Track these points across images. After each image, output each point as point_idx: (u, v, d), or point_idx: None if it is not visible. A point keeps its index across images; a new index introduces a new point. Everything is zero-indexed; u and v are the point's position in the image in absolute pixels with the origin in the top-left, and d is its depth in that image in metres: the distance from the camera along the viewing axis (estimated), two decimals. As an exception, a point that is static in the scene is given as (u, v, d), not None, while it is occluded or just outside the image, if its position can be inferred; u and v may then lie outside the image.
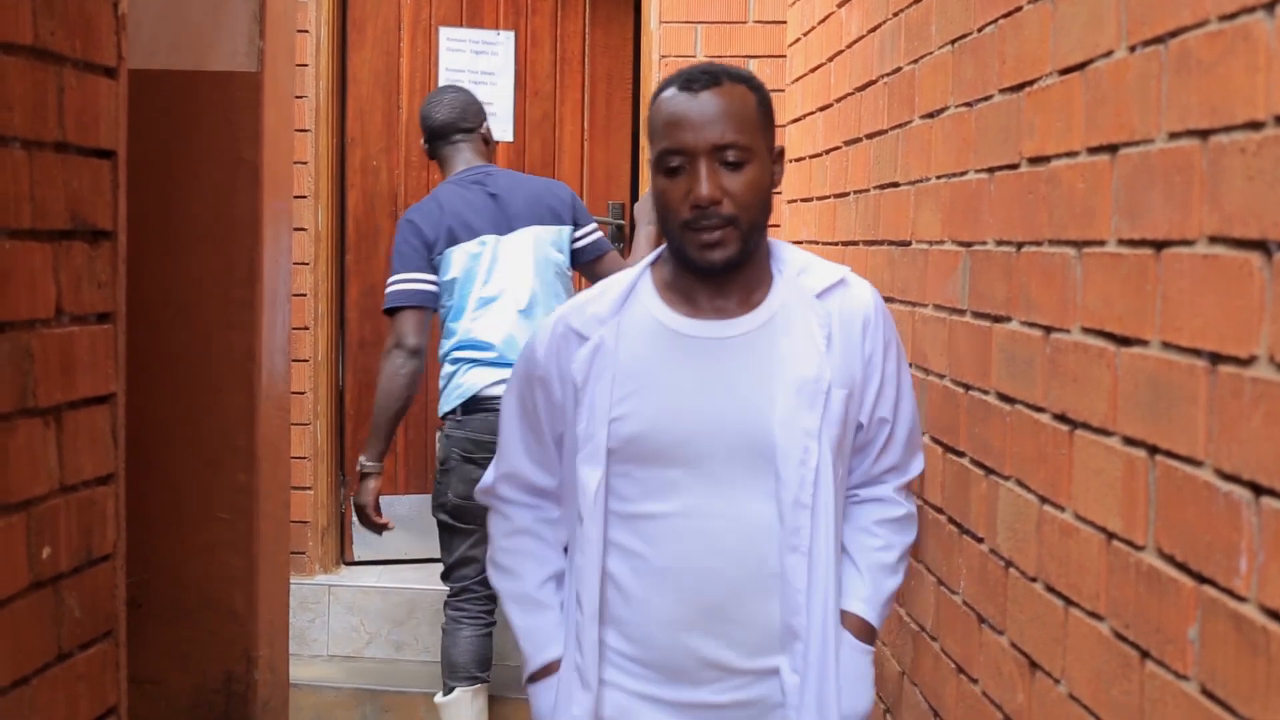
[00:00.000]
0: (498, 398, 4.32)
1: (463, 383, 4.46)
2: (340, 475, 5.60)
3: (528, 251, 4.49)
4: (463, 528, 4.55)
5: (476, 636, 4.60)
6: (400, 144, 5.66)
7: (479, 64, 5.75)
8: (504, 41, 5.77)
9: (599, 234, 4.66)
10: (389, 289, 4.51)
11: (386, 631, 5.38)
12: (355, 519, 5.53)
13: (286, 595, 3.28)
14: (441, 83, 5.66)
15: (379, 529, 4.66)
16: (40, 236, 2.08)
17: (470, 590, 4.62)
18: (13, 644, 2.02)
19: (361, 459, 4.59)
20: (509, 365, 4.36)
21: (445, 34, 5.71)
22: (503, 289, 4.46)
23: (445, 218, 4.49)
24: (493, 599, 4.58)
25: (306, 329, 5.28)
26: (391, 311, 4.50)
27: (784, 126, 4.86)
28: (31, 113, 2.05)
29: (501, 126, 5.73)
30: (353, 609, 5.43)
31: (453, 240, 4.45)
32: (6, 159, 1.99)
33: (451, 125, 4.65)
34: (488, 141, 4.75)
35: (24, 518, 2.05)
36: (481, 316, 4.46)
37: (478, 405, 4.44)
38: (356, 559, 5.67)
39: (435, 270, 4.46)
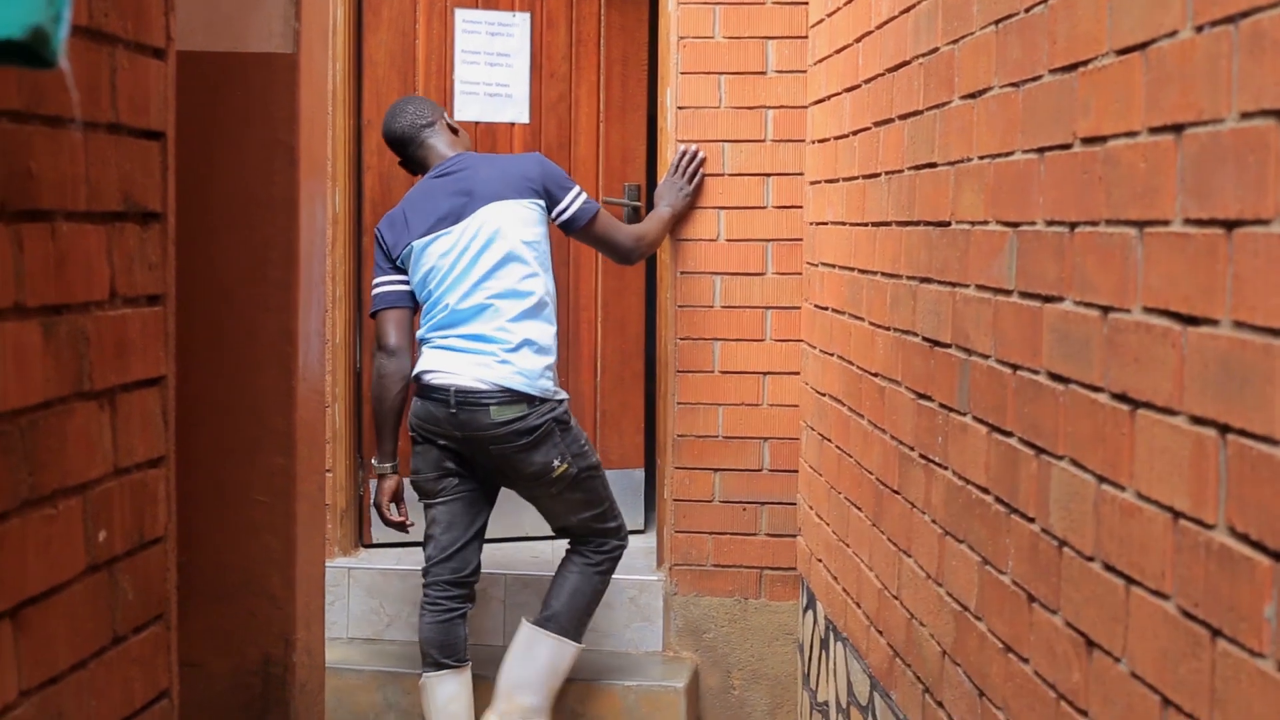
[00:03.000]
0: (434, 387, 4.49)
1: (417, 365, 4.63)
2: (358, 458, 5.59)
3: (487, 234, 4.52)
4: (423, 505, 4.72)
5: (434, 624, 4.63)
6: (416, 126, 5.63)
7: (494, 45, 5.73)
8: (519, 23, 5.76)
9: (583, 197, 4.69)
10: (371, 294, 4.78)
11: (406, 614, 5.38)
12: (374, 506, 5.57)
13: (322, 578, 3.28)
14: (457, 64, 5.66)
15: (397, 527, 4.75)
16: (95, 218, 2.08)
17: (429, 573, 4.67)
18: (71, 627, 2.02)
19: (372, 460, 4.73)
20: (452, 350, 4.52)
21: (461, 16, 5.69)
22: (458, 278, 4.52)
23: (405, 219, 4.68)
24: (451, 584, 4.63)
25: (325, 312, 5.26)
26: (374, 315, 4.74)
27: (806, 108, 4.86)
28: (86, 93, 2.05)
29: (517, 108, 5.72)
30: (372, 592, 5.43)
31: (410, 241, 4.59)
32: (64, 140, 1.98)
33: (412, 127, 4.80)
34: (455, 130, 4.81)
35: (81, 501, 2.05)
36: (436, 305, 4.56)
37: (418, 389, 4.60)
38: (375, 541, 5.67)
39: (404, 271, 4.65)
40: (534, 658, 4.68)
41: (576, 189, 4.67)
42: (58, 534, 1.98)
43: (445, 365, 4.50)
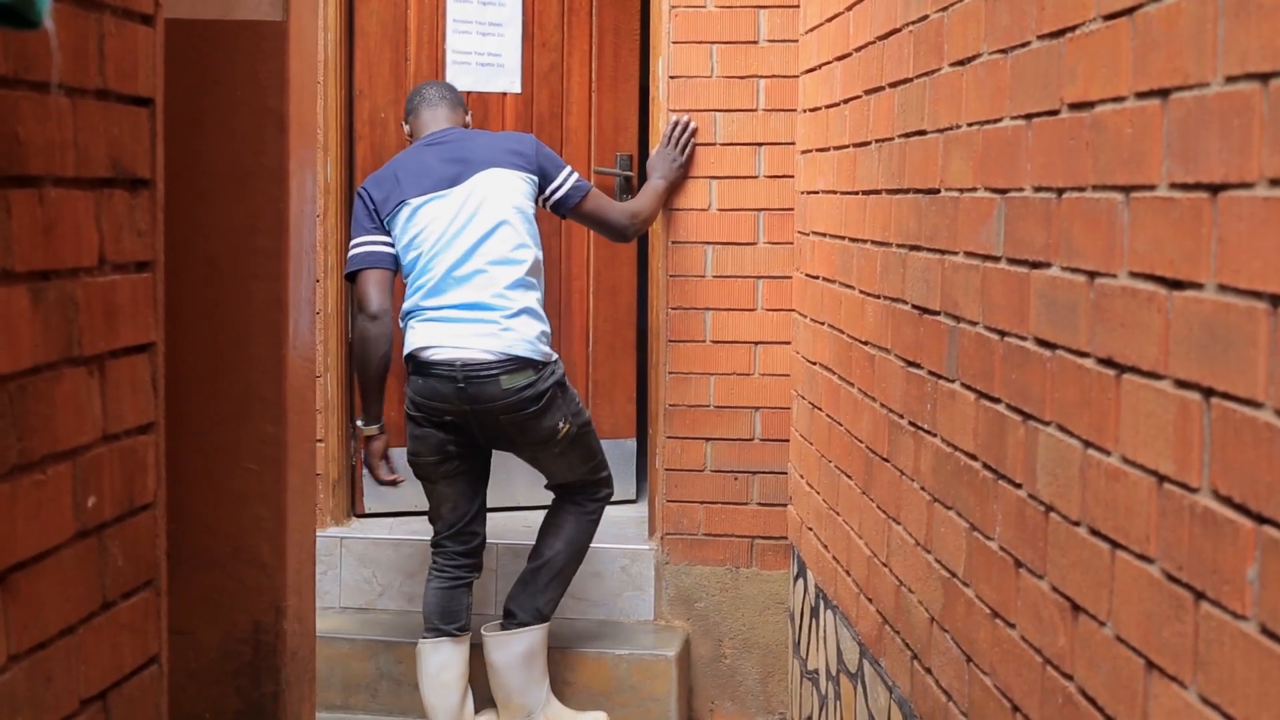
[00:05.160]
0: (435, 363, 4.43)
1: (406, 341, 4.57)
2: (350, 428, 5.60)
3: (481, 200, 4.53)
4: (423, 484, 4.67)
5: (439, 590, 4.67)
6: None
7: (486, 15, 5.72)
8: (511, -8, 5.74)
9: (575, 176, 4.73)
10: (348, 255, 4.70)
11: (399, 583, 5.40)
12: (365, 473, 5.58)
13: (313, 546, 3.28)
14: (449, 34, 5.66)
15: (389, 484, 4.77)
16: (83, 185, 2.08)
17: (439, 545, 4.70)
18: (60, 593, 2.03)
19: (358, 422, 4.72)
20: (450, 322, 4.45)
21: (452, -15, 5.67)
22: (449, 242, 4.51)
23: (395, 179, 4.65)
24: (461, 555, 4.65)
25: (317, 281, 5.26)
26: (351, 277, 4.67)
27: (798, 77, 4.85)
28: (74, 59, 2.05)
29: (509, 78, 5.71)
30: (364, 561, 5.44)
31: (401, 200, 4.55)
32: (51, 106, 1.98)
33: (433, 89, 4.82)
34: (466, 127, 4.82)
35: (70, 466, 2.05)
36: (425, 273, 4.53)
37: (415, 365, 4.51)
38: (367, 511, 5.68)
39: (389, 232, 4.56)
40: (510, 661, 4.70)
41: (569, 169, 4.71)
42: (47, 499, 1.98)
43: (446, 339, 4.48)
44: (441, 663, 4.66)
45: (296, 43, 3.07)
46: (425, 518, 5.43)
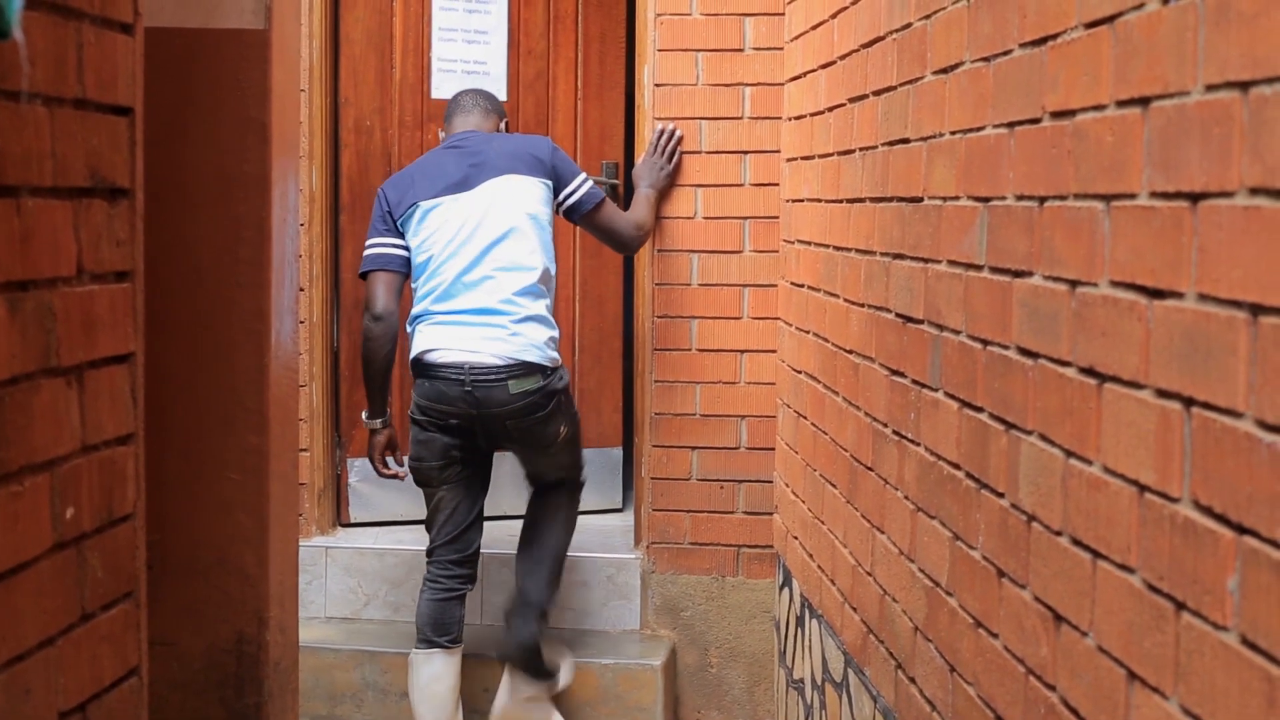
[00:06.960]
0: (442, 365, 4.41)
1: (413, 344, 4.56)
2: (336, 437, 5.58)
3: (492, 206, 4.52)
4: (424, 490, 4.66)
5: (432, 601, 4.65)
6: (394, 104, 5.63)
7: (472, 22, 5.71)
8: (497, 0, 5.73)
9: (589, 184, 4.72)
10: (363, 255, 4.70)
11: (384, 593, 5.38)
12: (352, 479, 5.57)
13: (296, 556, 3.27)
14: (434, 42, 5.65)
15: (390, 478, 4.76)
16: (61, 194, 2.07)
17: (434, 553, 4.68)
18: (38, 605, 2.02)
19: (363, 415, 4.72)
20: (458, 325, 4.45)
21: (438, -7, 5.67)
22: (459, 247, 4.50)
23: (411, 181, 4.65)
24: (456, 564, 4.64)
25: (302, 290, 5.25)
26: (363, 277, 4.68)
27: (783, 84, 4.85)
28: (52, 69, 2.04)
29: (495, 86, 5.70)
30: (350, 571, 5.42)
31: (414, 203, 4.54)
32: (29, 115, 1.97)
33: (469, 96, 4.79)
34: (500, 130, 4.80)
35: (48, 478, 2.04)
36: (435, 277, 4.52)
37: (421, 369, 4.51)
38: (353, 520, 5.66)
39: (402, 234, 4.56)
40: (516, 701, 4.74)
41: (583, 176, 4.70)
42: (24, 511, 1.97)
43: (453, 342, 4.48)
44: (433, 674, 4.64)
45: (279, 51, 3.07)
46: (411, 527, 5.45)
